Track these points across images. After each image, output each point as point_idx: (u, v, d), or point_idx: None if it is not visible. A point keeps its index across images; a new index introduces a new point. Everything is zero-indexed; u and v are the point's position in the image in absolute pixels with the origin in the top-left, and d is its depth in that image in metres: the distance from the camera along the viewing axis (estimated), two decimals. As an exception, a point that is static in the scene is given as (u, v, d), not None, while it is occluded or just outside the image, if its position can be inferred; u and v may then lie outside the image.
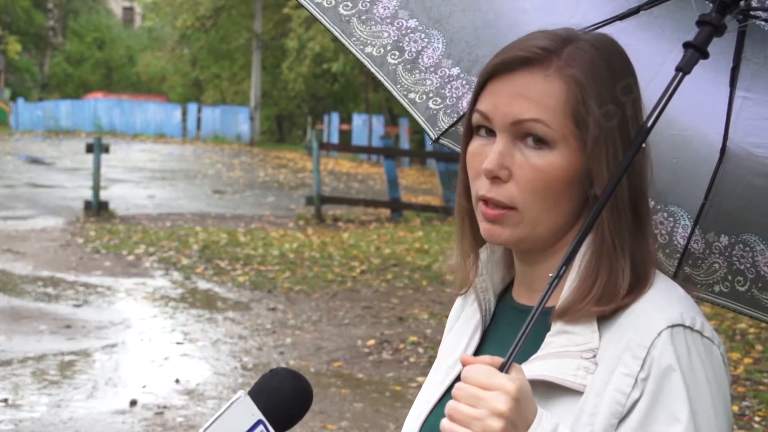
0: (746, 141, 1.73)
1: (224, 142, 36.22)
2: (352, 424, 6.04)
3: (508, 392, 1.17)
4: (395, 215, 15.92)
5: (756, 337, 8.02)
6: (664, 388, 1.25)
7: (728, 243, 1.81)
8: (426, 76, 1.77)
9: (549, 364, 1.31)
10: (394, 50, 1.74)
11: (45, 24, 49.11)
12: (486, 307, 1.50)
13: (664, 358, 1.26)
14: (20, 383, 6.72)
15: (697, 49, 1.39)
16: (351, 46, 1.74)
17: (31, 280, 10.26)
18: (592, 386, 1.28)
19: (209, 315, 9.01)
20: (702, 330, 1.30)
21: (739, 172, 1.76)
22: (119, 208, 16.22)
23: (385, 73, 1.76)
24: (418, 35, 1.75)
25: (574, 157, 1.32)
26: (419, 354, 7.65)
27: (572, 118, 1.31)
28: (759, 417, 6.17)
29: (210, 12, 36.00)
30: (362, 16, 1.73)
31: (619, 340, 1.29)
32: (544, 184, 1.32)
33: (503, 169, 1.33)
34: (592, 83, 1.32)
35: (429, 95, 1.78)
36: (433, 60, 1.76)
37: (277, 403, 1.32)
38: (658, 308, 1.30)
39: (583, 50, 1.35)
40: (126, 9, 58.65)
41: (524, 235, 1.36)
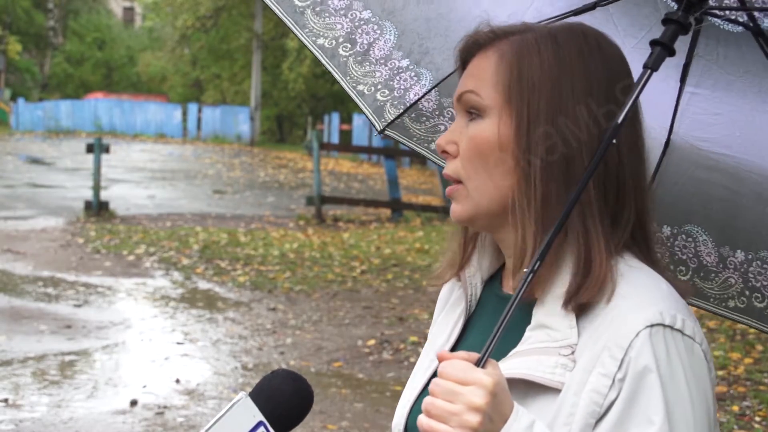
0: (691, 135, 1.77)
1: (224, 142, 36.22)
2: (353, 424, 6.04)
3: (484, 387, 1.18)
4: (395, 215, 15.92)
5: (756, 337, 8.01)
6: (640, 389, 1.24)
7: (670, 233, 1.83)
8: (376, 68, 1.78)
9: (527, 361, 1.31)
10: (346, 42, 1.76)
11: (45, 24, 49.12)
12: (472, 293, 1.50)
13: (641, 359, 1.25)
14: (21, 383, 6.72)
15: (665, 47, 1.41)
16: (303, 37, 1.75)
17: (32, 280, 10.26)
18: (570, 385, 1.27)
19: (209, 315, 9.01)
20: (683, 328, 1.28)
21: (683, 164, 1.79)
22: (119, 208, 16.22)
23: (336, 65, 1.77)
24: (370, 27, 1.76)
25: (504, 125, 1.34)
26: (419, 354, 7.63)
27: (501, 88, 1.35)
28: (759, 417, 6.17)
29: (210, 12, 36.02)
30: (317, 7, 1.74)
31: (599, 338, 1.28)
32: (476, 152, 1.36)
33: (451, 143, 1.39)
34: (523, 57, 1.34)
35: (377, 87, 1.79)
36: (383, 52, 1.77)
37: (278, 404, 1.33)
38: (638, 306, 1.28)
39: (534, 34, 1.37)
40: (126, 9, 58.67)
41: (473, 209, 1.38)
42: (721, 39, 1.67)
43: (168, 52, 40.79)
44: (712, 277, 1.82)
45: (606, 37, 1.40)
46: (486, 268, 1.51)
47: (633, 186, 1.37)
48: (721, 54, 1.69)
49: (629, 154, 1.37)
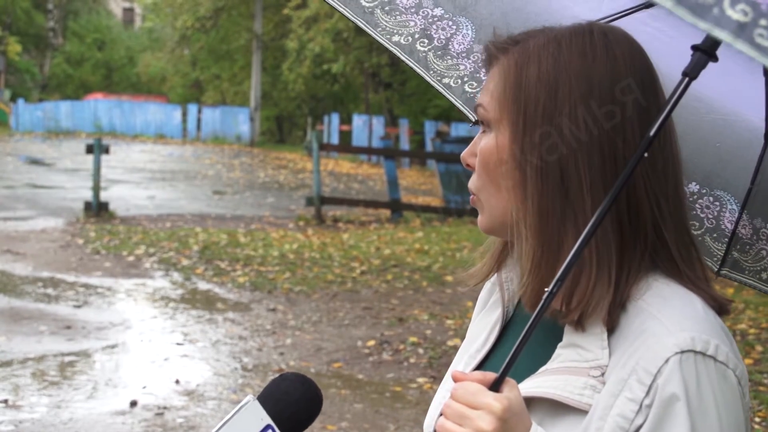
0: None
1: (224, 143, 36.21)
2: (352, 424, 6.04)
3: (493, 412, 1.17)
4: (395, 216, 15.92)
5: (756, 337, 8.02)
6: (667, 417, 1.22)
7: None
8: (459, 62, 1.76)
9: (556, 380, 1.29)
10: (423, 38, 1.74)
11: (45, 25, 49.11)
12: (509, 298, 1.48)
13: (669, 386, 1.22)
14: (20, 384, 6.72)
15: (705, 53, 1.30)
16: (378, 36, 1.72)
17: (31, 281, 10.26)
18: (597, 407, 1.26)
19: (209, 316, 9.01)
20: (715, 354, 1.24)
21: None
22: (119, 208, 16.22)
23: (416, 60, 1.75)
24: (445, 23, 1.74)
25: (505, 138, 1.33)
26: (419, 355, 7.64)
27: (505, 101, 1.34)
28: (759, 418, 6.17)
29: (210, 13, 36.01)
30: (385, 6, 1.72)
31: (627, 361, 1.26)
32: (483, 165, 1.37)
33: (471, 156, 1.40)
34: (523, 68, 1.32)
35: (464, 79, 1.77)
36: (464, 46, 1.75)
37: (286, 407, 1.32)
38: (669, 331, 1.25)
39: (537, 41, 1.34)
40: (126, 10, 58.66)
41: (489, 221, 1.39)
42: None
43: (168, 53, 40.78)
44: None
45: (618, 34, 1.35)
46: None
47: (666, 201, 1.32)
48: None
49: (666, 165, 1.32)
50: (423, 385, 6.87)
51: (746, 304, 9.06)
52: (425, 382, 6.94)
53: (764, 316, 8.71)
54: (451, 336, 8.10)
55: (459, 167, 16.18)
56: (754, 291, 1.87)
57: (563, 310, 1.31)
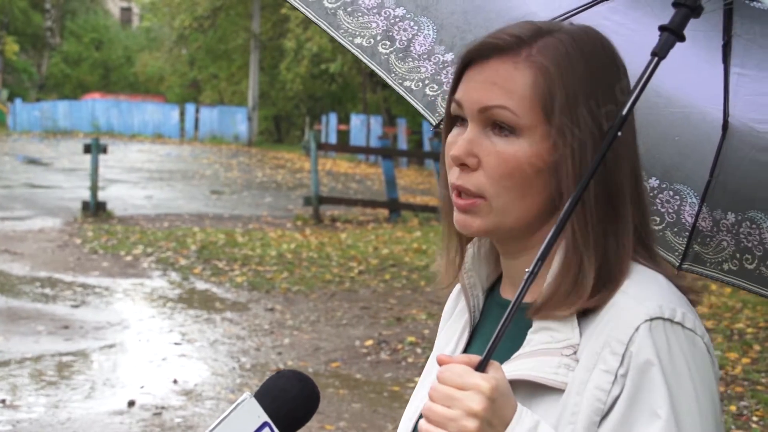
0: (747, 117, 1.72)
1: (222, 143, 36.19)
2: (350, 424, 6.04)
3: (482, 392, 1.17)
4: (393, 215, 15.92)
5: (754, 337, 8.02)
6: (643, 384, 1.24)
7: (735, 220, 1.79)
8: (420, 64, 1.75)
9: (530, 363, 1.30)
10: (385, 40, 1.73)
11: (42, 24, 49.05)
12: (474, 304, 1.48)
13: (642, 353, 1.24)
14: (18, 384, 6.72)
15: (673, 32, 1.36)
16: (340, 38, 1.72)
17: (29, 281, 10.25)
18: (573, 384, 1.27)
19: (207, 315, 9.01)
20: (683, 321, 1.27)
21: (743, 148, 1.74)
22: (117, 208, 16.21)
23: (377, 63, 1.74)
24: (407, 23, 1.73)
25: (541, 146, 1.30)
26: (417, 354, 7.64)
27: (539, 108, 1.30)
28: (757, 417, 6.17)
29: (208, 12, 35.98)
30: (348, 8, 1.71)
31: (599, 336, 1.28)
32: (510, 172, 1.30)
33: (471, 156, 1.32)
34: (562, 74, 1.30)
35: (425, 82, 1.77)
36: (425, 47, 1.74)
37: (283, 404, 1.32)
38: (637, 301, 1.28)
39: (560, 41, 1.33)
40: (124, 9, 58.61)
41: (494, 226, 1.34)
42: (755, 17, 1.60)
43: (165, 53, 40.71)
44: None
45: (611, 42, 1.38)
46: (486, 278, 1.49)
47: (633, 183, 1.35)
48: (758, 32, 1.62)
49: (627, 150, 1.35)
50: (421, 384, 6.87)
51: (744, 303, 9.06)
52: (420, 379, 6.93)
53: (762, 316, 8.72)
54: (449, 335, 8.10)
55: (450, 164, 16.15)
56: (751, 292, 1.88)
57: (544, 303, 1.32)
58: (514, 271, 1.41)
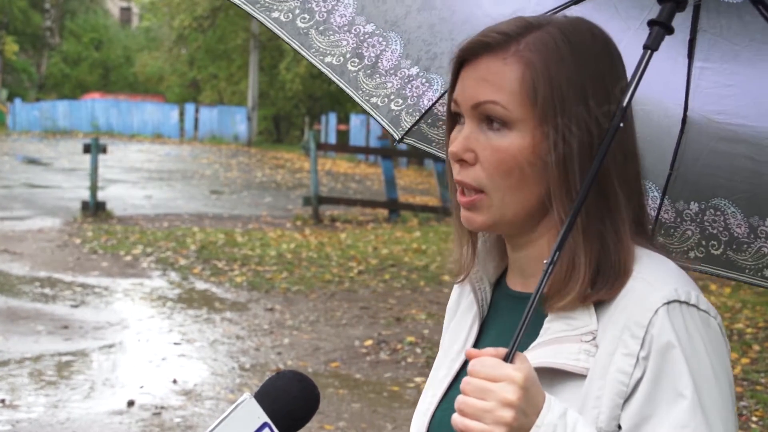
0: (706, 109, 1.76)
1: (222, 143, 36.20)
2: (350, 424, 6.04)
3: (515, 382, 1.19)
4: (393, 215, 15.92)
5: (753, 337, 8.02)
6: (665, 365, 1.27)
7: (699, 209, 1.83)
8: (386, 79, 1.79)
9: (550, 350, 1.32)
10: (354, 57, 1.77)
11: (42, 24, 49.04)
12: (482, 297, 1.51)
13: (662, 335, 1.27)
14: (17, 384, 6.72)
15: (662, 26, 1.41)
16: (311, 57, 1.76)
17: (29, 281, 10.25)
18: (595, 369, 1.29)
19: (207, 315, 9.01)
20: (698, 303, 1.31)
21: (702, 139, 1.79)
22: (117, 208, 16.21)
23: (346, 81, 1.78)
24: (375, 39, 1.77)
25: (533, 138, 1.33)
26: (417, 354, 7.65)
27: (528, 101, 1.33)
28: (756, 417, 6.17)
29: (207, 12, 35.98)
30: (320, 27, 1.75)
31: (617, 321, 1.30)
32: (504, 165, 1.34)
33: (468, 152, 1.36)
34: (549, 67, 1.33)
35: (390, 97, 1.80)
36: (392, 62, 1.78)
37: (283, 405, 1.32)
38: (653, 286, 1.31)
39: (548, 34, 1.35)
40: (123, 9, 58.60)
41: (496, 219, 1.37)
42: (722, 11, 1.66)
43: (165, 53, 40.71)
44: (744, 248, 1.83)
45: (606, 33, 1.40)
46: (492, 271, 1.52)
47: (633, 172, 1.39)
48: (724, 26, 1.67)
49: (627, 141, 1.38)
50: (420, 384, 6.87)
51: (743, 303, 9.06)
52: (423, 381, 6.93)
53: (761, 316, 8.73)
54: (448, 335, 8.10)
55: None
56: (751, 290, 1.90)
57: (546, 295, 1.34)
58: (522, 263, 1.44)
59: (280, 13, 1.73)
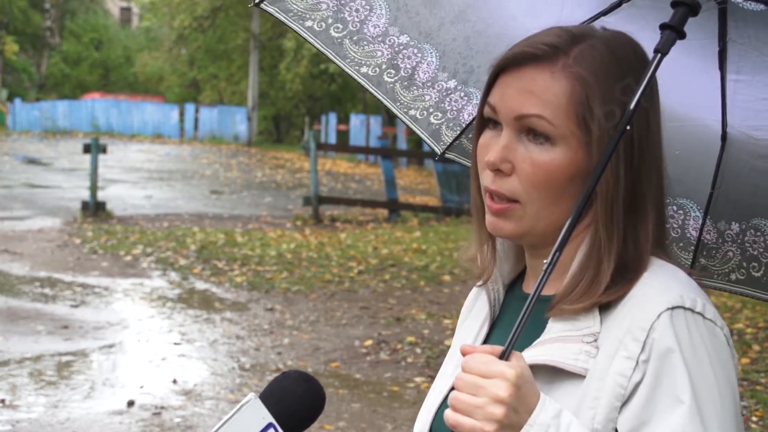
0: (745, 125, 1.73)
1: (222, 143, 36.20)
2: (350, 424, 6.04)
3: (507, 379, 1.19)
4: (393, 215, 15.92)
5: (753, 337, 8.03)
6: (665, 370, 1.26)
7: (739, 230, 1.80)
8: (424, 92, 1.77)
9: (551, 349, 1.32)
10: (390, 68, 1.76)
11: (42, 24, 49.03)
12: (495, 297, 1.51)
13: (664, 340, 1.27)
14: (17, 384, 6.72)
15: (674, 29, 1.39)
16: (346, 67, 1.75)
17: (29, 281, 10.25)
18: (594, 370, 1.29)
19: (207, 315, 9.00)
20: (703, 312, 1.30)
21: (742, 157, 1.75)
22: (117, 208, 16.21)
23: (383, 92, 1.77)
24: (410, 51, 1.75)
25: (576, 155, 1.33)
26: (417, 354, 7.64)
27: (575, 117, 1.32)
28: (756, 417, 6.17)
29: (207, 12, 35.97)
30: (354, 36, 1.74)
31: (620, 324, 1.30)
32: (545, 179, 1.33)
33: (506, 162, 1.34)
34: (598, 83, 1.33)
35: (429, 110, 1.79)
36: (428, 75, 1.77)
37: (288, 405, 1.32)
38: (658, 291, 1.31)
39: (594, 49, 1.35)
40: (123, 9, 58.59)
41: (527, 230, 1.37)
42: (749, 20, 1.62)
43: (165, 53, 40.71)
44: None
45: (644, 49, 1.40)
46: (507, 273, 1.52)
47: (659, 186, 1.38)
48: (752, 35, 1.63)
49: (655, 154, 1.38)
50: (420, 384, 6.87)
51: (743, 303, 9.06)
52: (423, 381, 6.93)
53: (761, 316, 8.73)
54: (448, 335, 8.10)
55: (456, 167, 16.16)
56: (751, 291, 1.89)
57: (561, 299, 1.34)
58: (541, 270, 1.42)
59: (313, 22, 1.73)
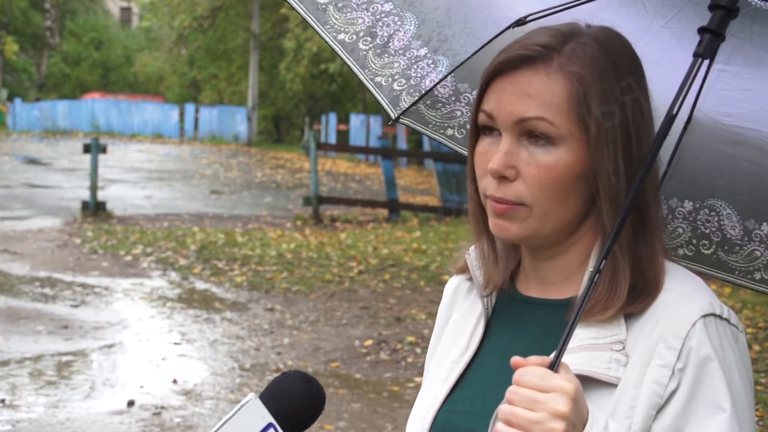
0: (715, 110, 1.76)
1: (222, 143, 36.19)
2: (350, 424, 6.04)
3: (566, 393, 1.17)
4: (393, 215, 15.92)
5: (753, 337, 8.03)
6: (703, 378, 1.26)
7: (692, 208, 1.83)
8: (394, 59, 1.78)
9: (581, 357, 1.31)
10: (367, 36, 1.76)
11: (42, 24, 49.05)
12: (487, 299, 1.49)
13: (702, 349, 1.27)
14: (17, 384, 6.72)
15: (714, 33, 1.39)
16: (324, 33, 1.75)
17: (29, 281, 10.25)
18: (628, 379, 1.29)
19: (207, 315, 9.01)
20: (729, 318, 1.32)
21: (705, 140, 1.78)
22: (117, 208, 16.21)
23: (355, 59, 1.77)
24: (391, 18, 1.76)
25: (579, 153, 1.32)
26: (417, 354, 7.65)
27: (575, 115, 1.31)
28: (756, 417, 6.17)
29: (207, 12, 35.98)
30: (339, 3, 1.75)
31: (651, 331, 1.30)
32: (552, 180, 1.32)
33: (510, 168, 1.33)
34: (594, 79, 1.32)
35: (395, 77, 1.79)
36: (403, 42, 1.77)
37: (288, 406, 1.31)
38: (689, 298, 1.31)
39: (586, 45, 1.34)
40: (123, 9, 58.60)
41: (533, 231, 1.35)
42: (757, 17, 1.64)
43: (165, 53, 40.73)
44: (736, 250, 1.82)
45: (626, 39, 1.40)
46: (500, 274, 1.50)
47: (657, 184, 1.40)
48: (755, 32, 1.66)
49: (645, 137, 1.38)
50: (420, 384, 6.87)
51: (743, 303, 9.07)
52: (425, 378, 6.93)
53: (761, 316, 8.73)
54: (448, 335, 8.10)
55: (456, 167, 16.18)
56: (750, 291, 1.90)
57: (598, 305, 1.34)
58: (543, 273, 1.42)
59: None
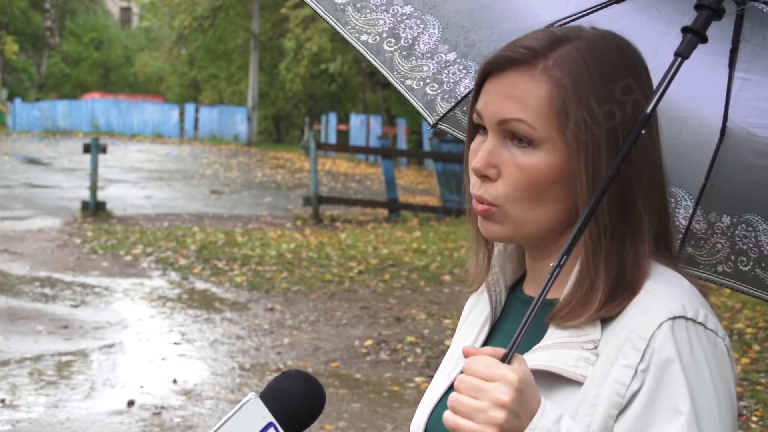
0: (746, 122, 1.73)
1: (222, 143, 36.20)
2: (350, 424, 6.04)
3: (509, 383, 1.18)
4: (393, 215, 15.92)
5: (753, 337, 8.02)
6: (664, 380, 1.25)
7: (730, 223, 1.80)
8: (423, 62, 1.77)
9: (551, 354, 1.32)
10: (390, 37, 1.75)
11: (42, 24, 49.04)
12: (496, 299, 1.50)
13: (664, 350, 1.26)
14: (17, 384, 6.72)
15: (696, 34, 1.38)
16: (347, 34, 1.74)
17: (29, 281, 10.25)
18: (593, 377, 1.29)
19: (207, 315, 9.00)
20: (705, 322, 1.29)
21: (740, 152, 1.75)
22: (117, 208, 16.21)
23: (381, 61, 1.76)
24: (413, 21, 1.75)
25: (560, 158, 1.32)
26: (417, 354, 7.64)
27: (556, 121, 1.31)
28: (756, 417, 6.17)
29: (207, 12, 35.97)
30: (357, 4, 1.73)
31: (621, 332, 1.30)
32: (528, 183, 1.33)
33: (491, 167, 1.35)
34: (578, 88, 1.32)
35: (426, 81, 1.78)
36: (429, 46, 1.76)
37: (289, 405, 1.31)
38: (661, 300, 1.30)
39: (577, 51, 1.33)
40: (123, 9, 58.59)
41: (512, 233, 1.37)
42: (766, 23, 1.62)
43: (165, 53, 40.72)
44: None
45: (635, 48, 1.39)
46: (509, 275, 1.51)
47: (658, 187, 1.38)
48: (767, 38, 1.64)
49: (654, 155, 1.37)
50: (420, 384, 6.87)
51: (743, 303, 9.06)
52: (423, 381, 6.94)
53: (761, 316, 8.73)
54: (448, 335, 8.10)
55: (456, 167, 16.18)
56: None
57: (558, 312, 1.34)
58: (541, 272, 1.43)
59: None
